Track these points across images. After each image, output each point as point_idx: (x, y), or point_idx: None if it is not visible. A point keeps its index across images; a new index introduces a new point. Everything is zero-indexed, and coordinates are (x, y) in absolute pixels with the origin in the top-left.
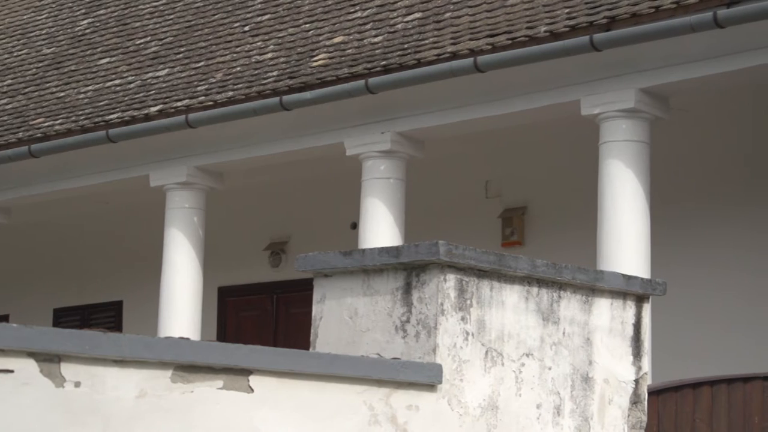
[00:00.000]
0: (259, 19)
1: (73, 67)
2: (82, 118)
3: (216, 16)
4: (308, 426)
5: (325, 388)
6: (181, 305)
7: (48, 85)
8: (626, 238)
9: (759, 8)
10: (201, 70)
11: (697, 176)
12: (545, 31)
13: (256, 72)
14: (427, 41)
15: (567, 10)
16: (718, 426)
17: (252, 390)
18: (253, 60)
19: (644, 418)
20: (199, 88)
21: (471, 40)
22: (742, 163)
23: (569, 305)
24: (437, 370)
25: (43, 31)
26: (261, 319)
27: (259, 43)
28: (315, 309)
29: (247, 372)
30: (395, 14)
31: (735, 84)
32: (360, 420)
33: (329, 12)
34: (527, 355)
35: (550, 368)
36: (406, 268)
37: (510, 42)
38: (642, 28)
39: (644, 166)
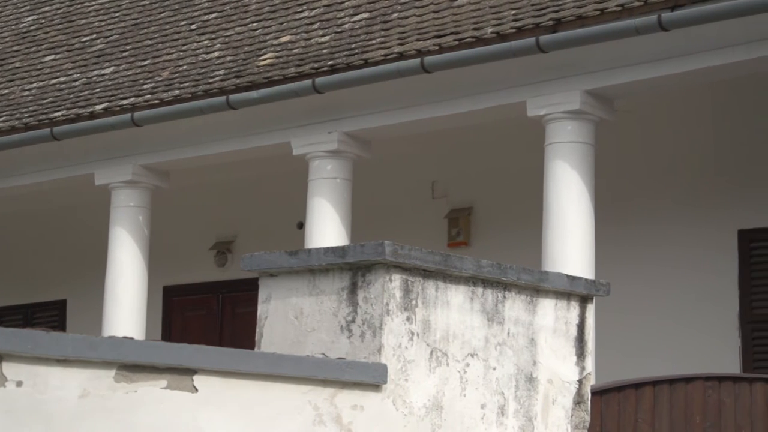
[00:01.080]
0: (205, 17)
1: (17, 64)
2: (26, 115)
3: (162, 14)
4: (253, 426)
5: (269, 388)
6: (126, 304)
7: None
8: (571, 239)
9: (702, 12)
10: (147, 68)
11: (641, 177)
12: (492, 33)
13: (202, 71)
14: (374, 41)
15: (513, 12)
16: (660, 426)
17: (196, 390)
18: (200, 58)
19: (587, 418)
20: (145, 87)
21: (418, 40)
22: (685, 164)
23: (514, 306)
24: (382, 370)
25: None
26: (206, 318)
27: (205, 42)
28: (260, 309)
29: (191, 372)
30: (342, 14)
31: (679, 86)
32: (304, 420)
33: (276, 11)
34: (472, 356)
35: (494, 368)
36: (352, 268)
37: (457, 43)
38: (587, 30)
39: (589, 167)
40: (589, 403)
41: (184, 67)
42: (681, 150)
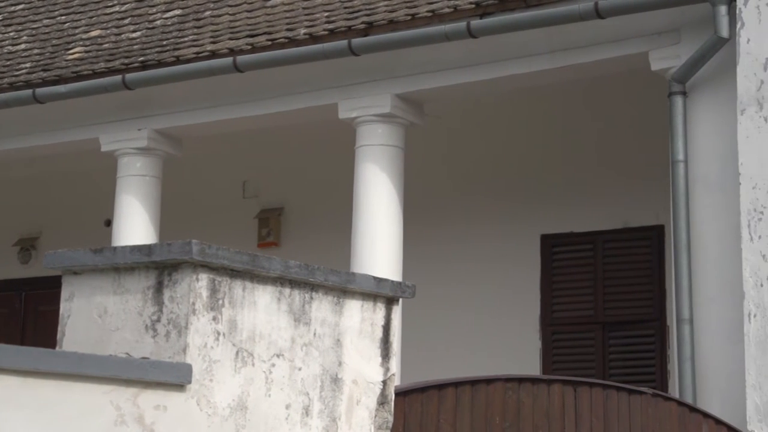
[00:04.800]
0: (12, 8)
1: None
2: None
3: None
4: (52, 426)
5: (70, 388)
6: None
7: None
8: (379, 241)
9: (509, 20)
10: None
11: (450, 180)
12: (305, 34)
13: (8, 63)
14: (186, 39)
15: (326, 14)
16: (462, 426)
17: None
18: (5, 50)
19: (390, 418)
20: None
21: (231, 39)
22: (492, 168)
23: (321, 307)
24: (187, 370)
25: None
26: (8, 316)
27: (11, 34)
28: (63, 307)
29: None
30: (154, 10)
31: (487, 92)
32: (106, 420)
33: (86, 5)
34: (278, 356)
35: (300, 369)
36: (158, 267)
37: (269, 43)
38: (398, 34)
39: (399, 170)
40: (392, 403)
41: None
42: (488, 155)
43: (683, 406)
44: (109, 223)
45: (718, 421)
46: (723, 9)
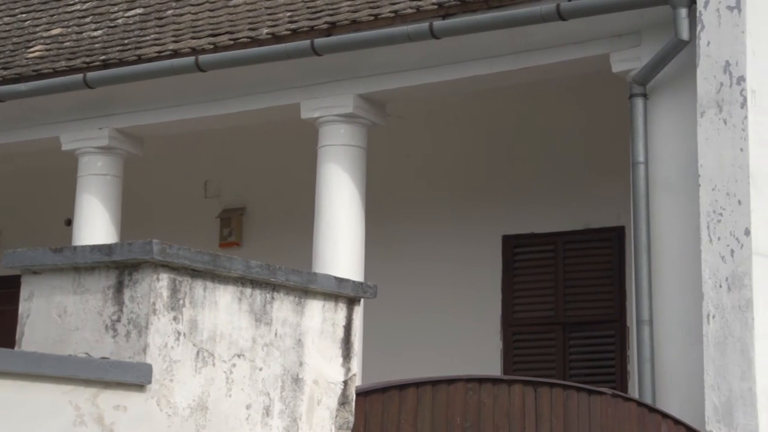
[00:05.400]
0: None
1: None
2: None
3: None
4: (10, 427)
5: (29, 388)
6: None
7: None
8: (341, 241)
9: (471, 21)
10: None
11: (412, 180)
12: (267, 33)
13: None
14: (148, 38)
15: (289, 14)
16: (422, 426)
17: None
18: None
19: (351, 418)
20: None
21: (193, 38)
22: (455, 169)
23: (282, 307)
24: (147, 370)
25: None
26: None
27: None
28: (22, 307)
29: None
30: (116, 8)
31: (449, 93)
32: (65, 420)
33: (47, 3)
34: (239, 356)
35: (261, 369)
36: (119, 266)
37: (232, 42)
38: (361, 35)
39: (361, 170)
40: (353, 403)
41: None
42: (450, 156)
43: (643, 406)
44: (69, 222)
45: (677, 422)
46: (683, 12)
